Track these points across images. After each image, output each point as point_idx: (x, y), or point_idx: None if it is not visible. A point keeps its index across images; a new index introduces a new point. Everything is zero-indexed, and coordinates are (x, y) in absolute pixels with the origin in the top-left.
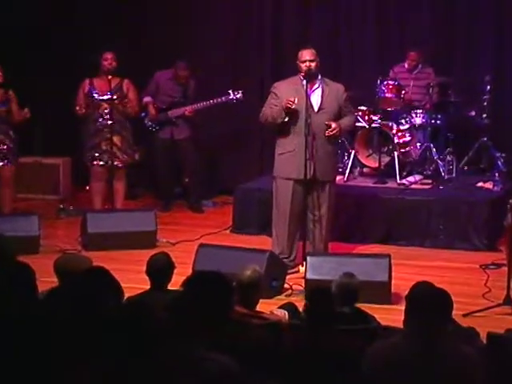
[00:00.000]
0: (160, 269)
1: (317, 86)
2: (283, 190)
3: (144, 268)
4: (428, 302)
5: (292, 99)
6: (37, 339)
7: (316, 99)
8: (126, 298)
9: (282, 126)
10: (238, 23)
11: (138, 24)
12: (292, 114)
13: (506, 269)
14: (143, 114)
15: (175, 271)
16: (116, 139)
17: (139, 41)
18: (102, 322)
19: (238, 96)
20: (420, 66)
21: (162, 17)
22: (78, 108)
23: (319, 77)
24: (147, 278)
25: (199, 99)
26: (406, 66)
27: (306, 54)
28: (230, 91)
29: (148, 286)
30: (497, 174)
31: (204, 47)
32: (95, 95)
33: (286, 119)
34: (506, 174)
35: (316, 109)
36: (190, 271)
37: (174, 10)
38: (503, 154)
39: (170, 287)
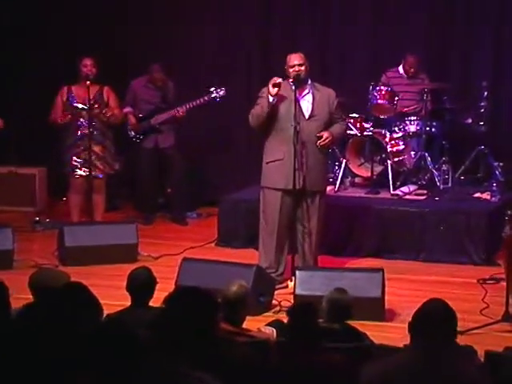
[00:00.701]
0: (141, 284)
1: (307, 91)
2: (271, 200)
3: (125, 283)
4: (439, 320)
5: (276, 78)
6: (7, 359)
7: (306, 105)
8: (105, 315)
9: (270, 132)
10: (223, 27)
11: (113, 31)
12: (279, 97)
13: (504, 283)
14: (128, 128)
15: (157, 287)
16: (96, 149)
17: (113, 47)
18: (79, 341)
19: (221, 93)
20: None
21: (138, 19)
22: (57, 117)
23: (309, 82)
24: (128, 294)
25: (180, 103)
26: (402, 71)
27: (295, 59)
28: (212, 89)
29: (129, 303)
30: (494, 184)
31: (187, 50)
32: (74, 103)
33: (275, 101)
34: (504, 184)
35: (307, 115)
36: (172, 287)
37: (150, 11)
38: (501, 163)
39: (151, 304)
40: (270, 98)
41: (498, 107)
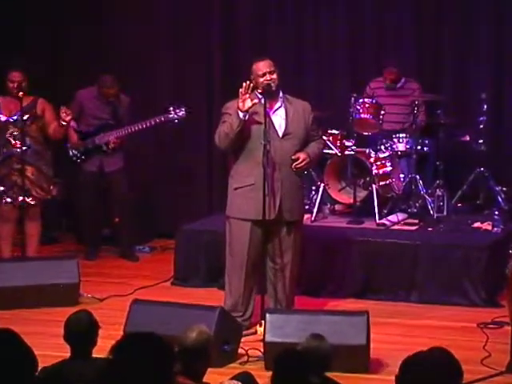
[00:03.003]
0: (81, 332)
1: (279, 104)
2: (238, 233)
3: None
4: (437, 374)
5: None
6: None
7: (279, 122)
8: (40, 368)
9: (238, 153)
10: (179, 29)
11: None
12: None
13: (508, 328)
14: (69, 146)
15: (103, 334)
16: (29, 170)
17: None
18: None
19: (180, 114)
20: (403, 80)
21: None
22: None
23: (280, 94)
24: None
25: (134, 120)
26: (385, 85)
27: (264, 66)
28: (171, 108)
29: (69, 353)
30: (496, 213)
31: (138, 57)
32: (1, 116)
33: (246, 117)
34: (508, 213)
35: (280, 134)
36: (121, 334)
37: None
38: (504, 188)
39: (95, 354)
40: (241, 114)
41: (500, 123)
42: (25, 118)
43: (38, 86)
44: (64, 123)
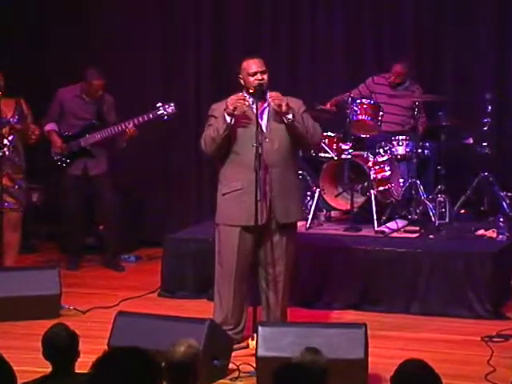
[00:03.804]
0: (60, 347)
1: (266, 105)
2: (227, 240)
3: None
4: None
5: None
6: None
7: (265, 123)
8: None
9: (226, 157)
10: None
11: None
12: (237, 118)
13: None
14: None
15: (86, 348)
16: (6, 175)
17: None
18: None
19: (169, 110)
20: (408, 82)
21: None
22: None
23: (268, 94)
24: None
25: (119, 120)
26: (389, 81)
27: (256, 65)
28: (159, 104)
29: (50, 368)
30: (501, 219)
31: (126, 56)
32: None
33: (232, 121)
34: None
35: (268, 135)
36: (104, 348)
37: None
38: (509, 194)
39: (78, 369)
40: (227, 118)
41: (505, 125)
42: (15, 119)
43: (20, 86)
44: (33, 140)
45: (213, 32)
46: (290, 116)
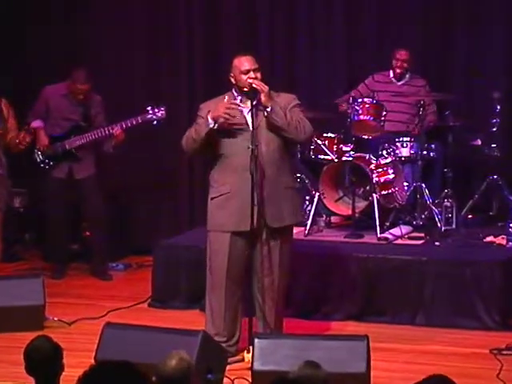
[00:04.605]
0: (43, 361)
1: (255, 103)
2: (218, 246)
3: None
4: None
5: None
6: None
7: (258, 121)
8: None
9: (215, 159)
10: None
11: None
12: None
13: None
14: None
15: (71, 362)
16: None
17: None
18: None
19: (159, 114)
20: (408, 75)
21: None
22: None
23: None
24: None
25: (108, 120)
26: (391, 73)
27: (248, 63)
28: (149, 108)
29: (33, 383)
30: (511, 225)
31: (114, 53)
32: None
33: (215, 126)
34: None
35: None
36: (91, 361)
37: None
38: None
39: None
40: (211, 123)
41: None
42: None
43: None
44: (22, 146)
45: (205, 30)
46: (268, 109)
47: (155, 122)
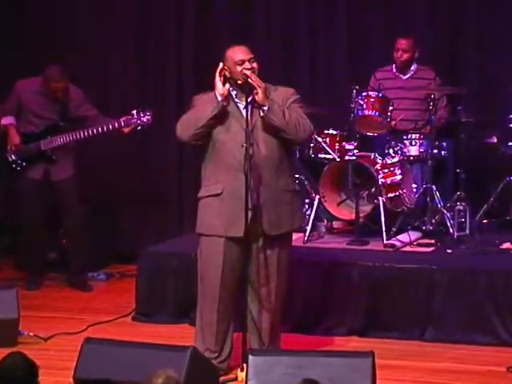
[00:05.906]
0: (16, 379)
1: (250, 98)
2: (210, 253)
3: None
4: None
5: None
6: None
7: (254, 119)
8: None
9: (207, 155)
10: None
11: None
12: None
13: None
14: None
15: (47, 381)
16: None
17: None
18: None
19: (144, 119)
20: (415, 66)
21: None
22: None
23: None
24: None
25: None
26: (394, 67)
27: (243, 53)
28: (134, 112)
29: None
30: None
31: (98, 46)
32: None
33: (225, 103)
34: None
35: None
36: (70, 381)
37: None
38: None
39: None
40: (219, 97)
41: None
42: None
43: None
44: None
45: (197, 21)
46: (265, 108)
47: (139, 128)
